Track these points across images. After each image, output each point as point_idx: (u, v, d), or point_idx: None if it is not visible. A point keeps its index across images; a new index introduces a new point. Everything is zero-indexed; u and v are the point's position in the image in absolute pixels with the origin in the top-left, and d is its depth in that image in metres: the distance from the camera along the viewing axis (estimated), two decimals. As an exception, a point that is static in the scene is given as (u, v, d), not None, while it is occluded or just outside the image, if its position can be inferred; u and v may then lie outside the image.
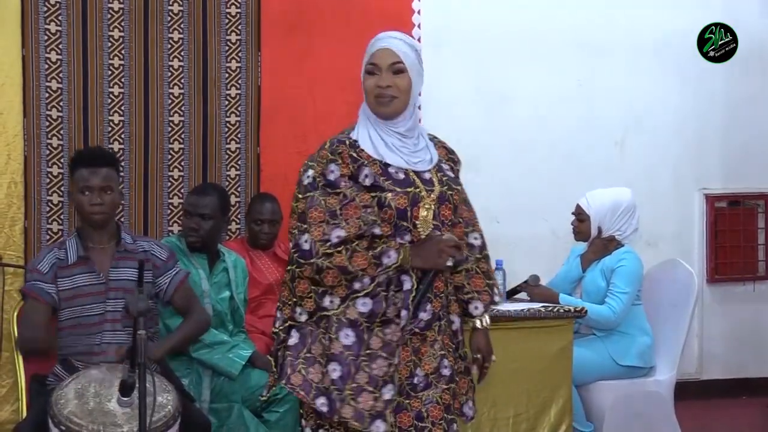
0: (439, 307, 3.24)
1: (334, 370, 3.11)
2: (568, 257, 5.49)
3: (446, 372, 3.24)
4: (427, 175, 3.23)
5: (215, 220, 4.73)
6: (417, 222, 3.17)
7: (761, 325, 6.88)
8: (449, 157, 3.37)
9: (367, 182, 3.17)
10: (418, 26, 5.98)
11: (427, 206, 3.18)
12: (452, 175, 3.32)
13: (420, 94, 3.42)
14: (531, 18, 6.37)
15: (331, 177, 3.19)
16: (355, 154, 3.23)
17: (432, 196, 3.20)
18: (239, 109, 5.66)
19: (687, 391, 6.12)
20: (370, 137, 3.25)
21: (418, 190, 3.19)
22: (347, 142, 3.26)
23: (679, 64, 6.64)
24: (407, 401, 3.20)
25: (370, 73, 3.23)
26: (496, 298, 3.42)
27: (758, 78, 6.87)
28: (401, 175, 3.21)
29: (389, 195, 3.16)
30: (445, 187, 3.23)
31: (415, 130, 3.29)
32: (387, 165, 3.21)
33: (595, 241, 5.28)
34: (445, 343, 3.25)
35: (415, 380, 3.21)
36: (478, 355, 3.39)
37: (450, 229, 3.25)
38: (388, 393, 3.13)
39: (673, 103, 6.70)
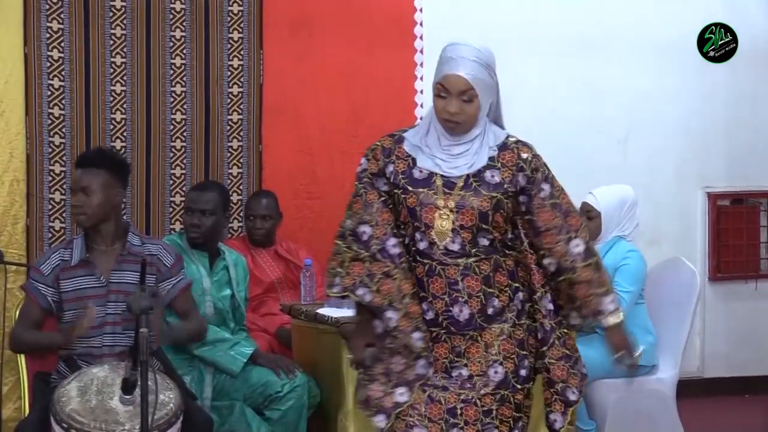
0: (478, 306, 3.21)
1: (369, 355, 3.27)
2: None
3: (495, 377, 3.22)
4: (454, 181, 3.22)
5: (216, 217, 4.74)
6: (431, 226, 3.20)
7: (764, 323, 6.87)
8: (516, 162, 3.26)
9: (392, 178, 3.27)
10: (420, 24, 5.98)
11: (443, 216, 3.20)
12: (496, 180, 3.22)
13: (492, 103, 3.33)
14: (533, 16, 6.36)
15: (358, 169, 3.36)
16: (392, 149, 3.29)
17: (449, 203, 3.20)
18: (241, 107, 5.66)
19: (689, 390, 6.12)
20: (420, 137, 3.29)
21: (432, 191, 3.21)
22: (396, 137, 3.33)
23: (682, 63, 6.63)
24: (442, 394, 3.21)
25: (438, 96, 3.22)
26: (606, 306, 3.33)
27: (762, 76, 6.86)
28: (423, 175, 3.23)
29: (402, 193, 3.23)
30: (470, 193, 3.20)
31: (476, 137, 3.26)
32: (415, 163, 3.26)
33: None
34: (503, 348, 3.23)
35: (454, 376, 3.22)
36: (616, 355, 3.46)
37: (462, 231, 3.20)
38: (400, 396, 3.19)
39: (676, 101, 6.69)
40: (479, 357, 3.22)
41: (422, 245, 3.22)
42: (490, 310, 3.23)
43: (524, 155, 3.28)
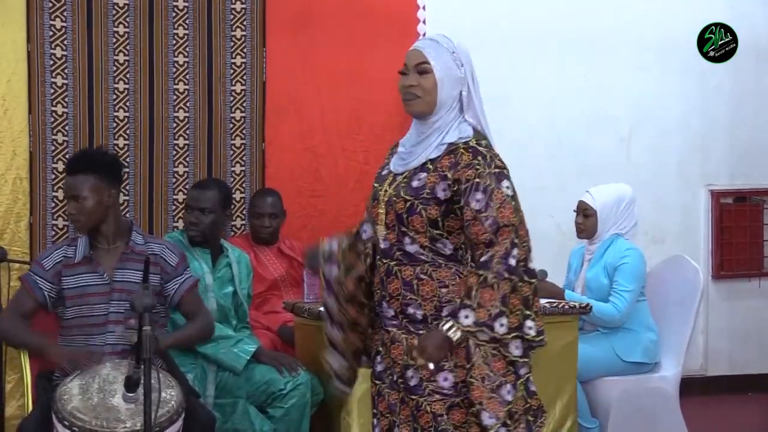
0: (399, 308, 3.20)
1: None
2: (569, 263, 5.47)
3: (410, 381, 3.19)
4: (397, 178, 3.24)
5: (215, 215, 4.73)
6: (376, 222, 3.26)
7: (767, 321, 6.87)
8: (444, 172, 3.15)
9: None
10: (423, 22, 5.97)
11: (380, 208, 3.24)
12: (416, 184, 3.16)
13: (463, 94, 3.25)
14: (536, 15, 6.36)
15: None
16: (394, 150, 3.36)
17: (382, 197, 3.24)
18: (244, 105, 5.66)
19: (692, 388, 6.12)
20: (405, 136, 3.34)
21: (379, 188, 3.28)
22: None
23: (684, 61, 6.63)
24: (387, 390, 3.26)
25: (401, 73, 3.26)
26: (499, 327, 3.04)
27: (764, 74, 6.86)
28: (384, 172, 3.31)
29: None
30: (394, 192, 3.20)
31: (437, 132, 3.23)
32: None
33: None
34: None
35: (381, 370, 3.31)
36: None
37: (390, 231, 3.20)
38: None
39: (678, 99, 6.69)
40: (398, 358, 3.21)
41: (365, 236, 3.35)
42: (410, 313, 3.18)
43: (459, 163, 3.15)
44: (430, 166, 3.19)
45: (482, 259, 3.09)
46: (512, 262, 3.09)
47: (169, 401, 3.55)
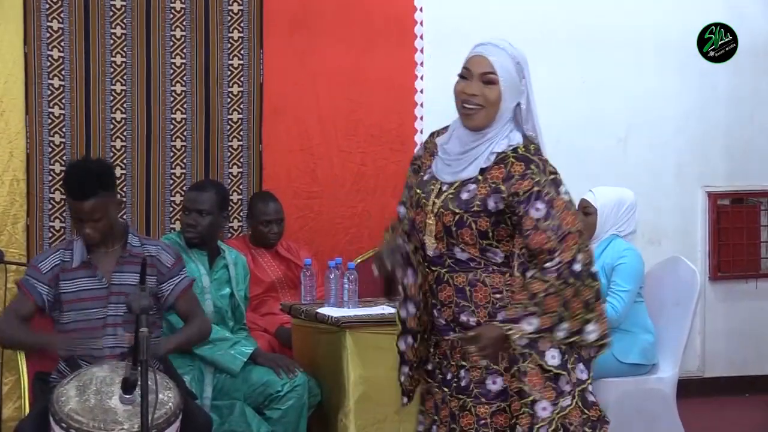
0: (451, 316, 3.16)
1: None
2: None
3: (460, 382, 3.18)
4: (443, 187, 3.16)
5: (213, 216, 4.73)
6: (421, 230, 3.17)
7: (764, 322, 6.87)
8: (498, 184, 3.08)
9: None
10: (420, 23, 5.98)
11: (430, 219, 3.16)
12: (466, 197, 3.10)
13: (522, 106, 3.20)
14: (533, 15, 6.36)
15: (412, 160, 3.35)
16: (427, 146, 3.29)
17: (435, 208, 3.15)
18: (241, 106, 5.66)
19: (690, 389, 6.12)
20: (444, 140, 3.23)
21: (424, 196, 3.18)
22: (436, 133, 3.30)
23: (682, 62, 6.63)
24: (438, 396, 3.23)
25: (461, 77, 3.16)
26: (558, 332, 3.02)
27: (762, 75, 6.86)
28: (427, 177, 3.21)
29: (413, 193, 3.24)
30: (443, 203, 3.13)
31: (488, 142, 3.14)
32: (429, 166, 3.23)
33: None
34: (473, 358, 3.16)
35: (439, 377, 3.25)
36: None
37: (439, 241, 3.15)
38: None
39: (676, 100, 6.69)
40: (452, 362, 3.19)
41: (422, 241, 3.21)
42: (463, 319, 3.14)
43: (513, 175, 3.09)
44: (480, 177, 3.12)
45: (547, 265, 3.03)
46: (577, 267, 3.05)
47: (167, 403, 3.54)
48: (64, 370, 3.95)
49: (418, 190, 3.21)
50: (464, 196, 3.11)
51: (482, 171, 3.12)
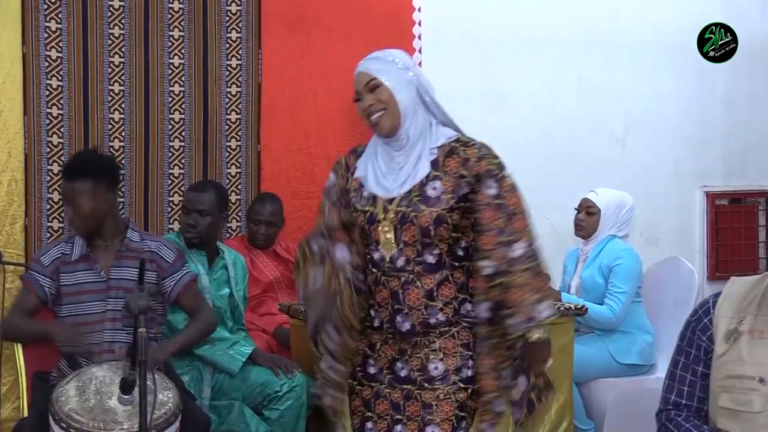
0: (420, 319, 3.22)
1: None
2: (565, 265, 5.48)
3: (434, 372, 3.22)
4: (393, 197, 3.22)
5: (212, 217, 4.73)
6: (378, 242, 3.22)
7: (762, 322, 6.87)
8: (459, 171, 3.20)
9: (349, 195, 3.29)
10: (419, 24, 5.98)
11: (385, 228, 3.20)
12: (435, 194, 3.18)
13: (426, 99, 3.31)
14: (532, 15, 6.36)
15: (328, 184, 3.36)
16: (349, 165, 3.33)
17: (388, 217, 3.20)
18: (240, 106, 5.66)
19: (688, 389, 6.11)
20: (368, 158, 3.31)
21: (375, 210, 3.23)
22: (357, 151, 3.37)
23: (680, 61, 6.64)
24: (387, 390, 3.27)
25: (356, 101, 3.28)
26: (542, 313, 3.13)
27: (759, 75, 6.87)
28: (369, 194, 3.26)
29: (353, 212, 3.27)
30: (410, 209, 3.18)
31: (414, 145, 3.24)
32: (364, 185, 3.29)
33: None
34: (444, 346, 3.23)
35: (397, 372, 3.27)
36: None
37: (409, 248, 3.19)
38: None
39: (674, 100, 6.70)
40: (420, 354, 3.23)
41: (376, 255, 3.24)
42: (432, 321, 3.22)
43: (469, 158, 3.20)
44: (440, 172, 3.20)
45: (516, 253, 3.14)
46: (535, 247, 3.20)
47: (166, 403, 3.54)
48: (64, 368, 3.95)
49: (367, 208, 3.24)
50: (432, 194, 3.19)
51: (435, 167, 3.21)
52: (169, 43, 5.53)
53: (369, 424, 3.31)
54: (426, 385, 3.21)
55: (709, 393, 2.83)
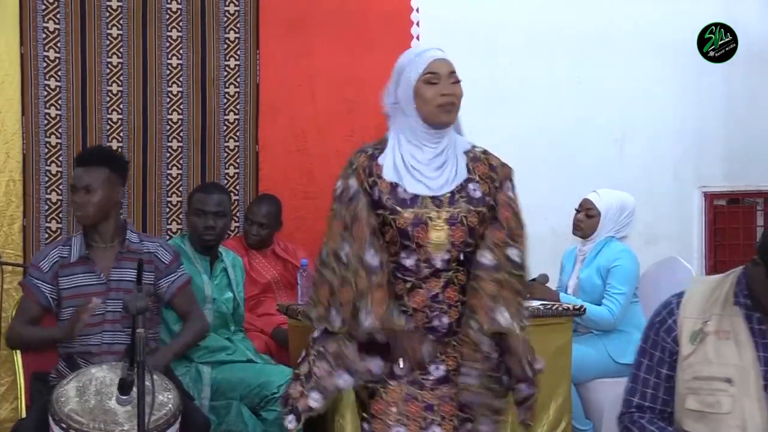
0: (455, 314, 3.23)
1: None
2: (562, 265, 5.47)
3: (436, 373, 3.23)
4: (441, 198, 3.21)
5: (226, 219, 4.75)
6: (427, 243, 3.18)
7: (760, 322, 6.87)
8: (489, 174, 3.28)
9: (377, 198, 3.22)
10: (417, 24, 5.98)
11: (438, 227, 3.18)
12: (479, 194, 3.23)
13: None
14: (530, 16, 6.36)
15: (352, 191, 3.26)
16: (370, 168, 3.28)
17: (442, 216, 3.19)
18: (238, 107, 5.65)
19: (686, 389, 6.11)
20: (394, 157, 3.27)
21: (425, 210, 3.19)
22: (368, 153, 3.33)
23: (679, 62, 6.63)
24: (418, 392, 3.22)
25: (430, 83, 3.24)
26: (522, 321, 3.20)
27: (759, 76, 6.87)
28: (410, 195, 3.21)
29: (391, 215, 3.19)
30: (458, 209, 3.20)
31: (454, 145, 3.29)
32: (397, 184, 3.23)
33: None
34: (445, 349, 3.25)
35: (432, 373, 3.24)
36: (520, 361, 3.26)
37: (459, 251, 3.21)
38: (314, 401, 3.22)
39: (672, 101, 6.70)
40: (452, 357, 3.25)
41: (408, 262, 3.21)
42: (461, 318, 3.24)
43: (494, 164, 3.32)
44: (475, 176, 3.27)
45: (513, 257, 3.22)
46: (526, 257, 3.29)
47: (167, 404, 3.54)
48: (63, 370, 3.95)
49: (411, 209, 3.19)
50: (476, 195, 3.24)
51: (469, 171, 3.27)
52: (167, 44, 5.53)
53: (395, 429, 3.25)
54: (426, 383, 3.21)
55: (675, 395, 2.81)
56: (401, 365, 3.18)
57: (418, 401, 3.21)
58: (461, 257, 3.22)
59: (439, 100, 3.22)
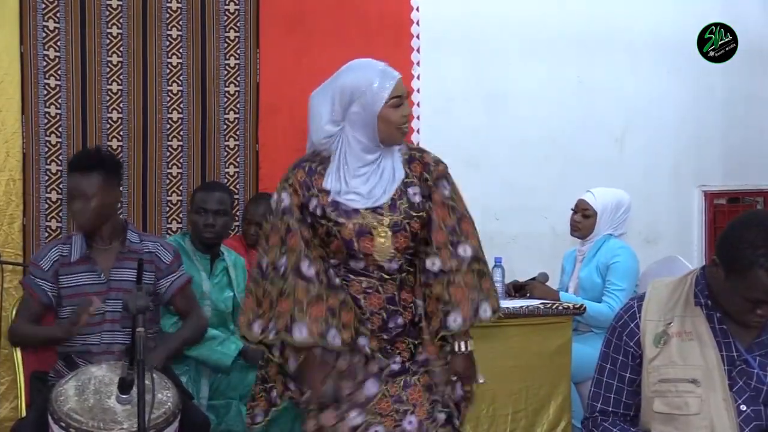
0: (409, 315, 3.30)
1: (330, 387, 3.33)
2: (563, 266, 5.47)
3: (394, 366, 3.29)
4: (381, 205, 3.24)
5: (227, 217, 4.75)
6: (372, 250, 3.21)
7: (760, 322, 6.88)
8: (424, 175, 3.29)
9: (318, 212, 3.25)
10: (417, 23, 5.98)
11: (382, 234, 3.21)
12: (419, 199, 3.26)
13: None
14: (530, 15, 6.37)
15: (284, 204, 3.30)
16: (308, 182, 3.28)
17: (384, 223, 3.22)
18: (238, 106, 5.66)
19: (686, 388, 6.11)
20: (339, 175, 3.28)
21: (366, 221, 3.22)
22: (306, 168, 3.32)
23: (678, 61, 6.64)
24: (384, 387, 3.28)
25: (395, 107, 3.24)
26: (484, 314, 3.24)
27: (758, 75, 6.88)
28: (351, 207, 3.24)
29: (335, 226, 3.22)
30: (401, 216, 3.23)
31: (385, 151, 3.29)
32: (338, 197, 3.26)
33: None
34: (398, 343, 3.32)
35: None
36: (454, 378, 3.35)
37: (400, 256, 3.25)
38: (354, 419, 3.25)
39: (672, 100, 6.70)
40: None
41: (359, 266, 3.25)
42: (416, 319, 3.31)
43: (428, 162, 3.31)
44: (412, 178, 3.28)
45: (464, 254, 3.24)
46: (480, 252, 3.29)
47: (166, 403, 3.54)
48: (62, 369, 3.95)
49: (356, 220, 3.22)
50: (416, 199, 3.26)
51: (406, 175, 3.28)
52: (168, 43, 5.53)
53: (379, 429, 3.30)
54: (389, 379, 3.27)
55: (642, 398, 2.81)
56: (306, 395, 3.29)
57: (387, 396, 3.25)
58: (409, 260, 3.28)
59: (401, 121, 3.25)
